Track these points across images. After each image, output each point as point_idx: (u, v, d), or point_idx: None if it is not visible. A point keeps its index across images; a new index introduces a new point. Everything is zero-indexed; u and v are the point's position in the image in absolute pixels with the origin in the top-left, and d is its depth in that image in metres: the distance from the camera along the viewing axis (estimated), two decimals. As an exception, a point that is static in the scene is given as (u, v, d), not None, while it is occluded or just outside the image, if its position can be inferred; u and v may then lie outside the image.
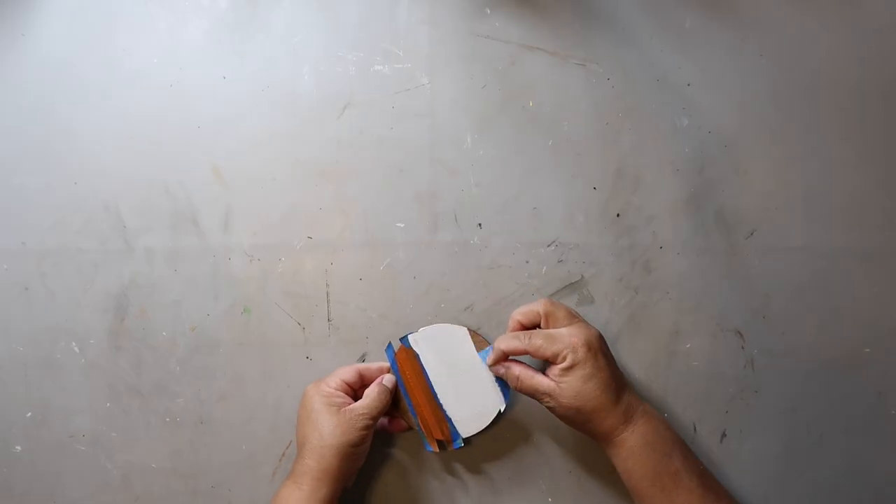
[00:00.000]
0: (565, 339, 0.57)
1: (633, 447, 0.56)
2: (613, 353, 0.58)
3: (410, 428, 0.62)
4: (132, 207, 0.65)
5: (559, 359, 0.56)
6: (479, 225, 0.65)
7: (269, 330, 0.65)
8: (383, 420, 0.63)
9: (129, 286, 0.65)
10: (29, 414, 0.65)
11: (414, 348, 0.62)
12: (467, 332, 0.62)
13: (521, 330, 0.60)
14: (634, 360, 0.65)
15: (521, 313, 0.60)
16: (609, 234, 0.65)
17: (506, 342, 0.59)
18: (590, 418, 0.57)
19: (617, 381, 0.57)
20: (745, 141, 0.65)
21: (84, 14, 0.66)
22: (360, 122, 0.65)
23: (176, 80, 0.65)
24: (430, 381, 0.61)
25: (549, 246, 0.65)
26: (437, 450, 0.61)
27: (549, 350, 0.56)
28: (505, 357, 0.60)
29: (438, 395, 0.61)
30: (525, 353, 0.58)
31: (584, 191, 0.65)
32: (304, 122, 0.65)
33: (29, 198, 0.65)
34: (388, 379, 0.61)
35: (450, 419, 0.61)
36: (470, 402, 0.61)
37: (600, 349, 0.57)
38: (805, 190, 0.65)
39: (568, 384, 0.56)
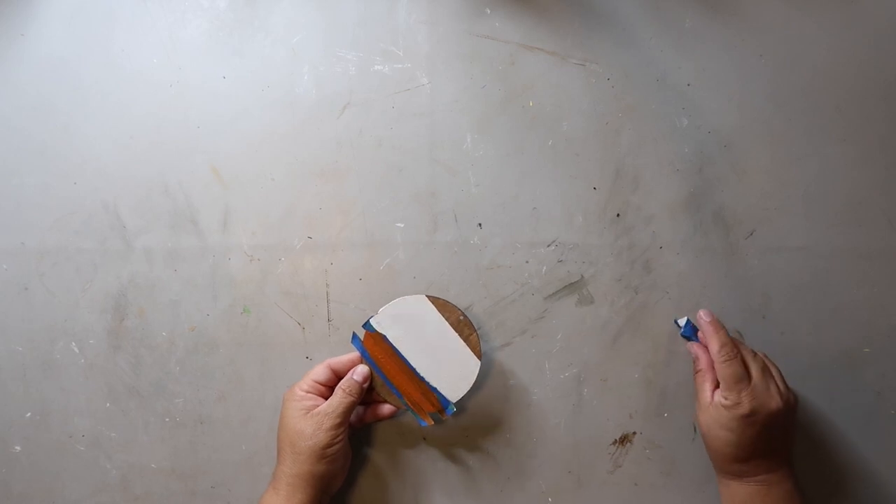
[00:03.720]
0: (745, 388, 0.57)
1: (737, 495, 0.58)
2: (613, 353, 0.58)
3: (395, 411, 0.62)
4: (131, 207, 0.65)
5: (724, 396, 0.57)
6: (479, 225, 0.65)
7: (268, 330, 0.65)
8: (360, 409, 0.62)
9: (129, 286, 0.65)
10: (28, 414, 0.65)
11: (379, 330, 0.61)
12: (426, 298, 0.61)
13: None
14: (634, 360, 0.65)
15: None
16: (609, 233, 0.65)
17: (718, 326, 0.60)
18: (709, 450, 0.59)
19: (759, 453, 0.57)
20: (745, 141, 0.65)
21: (84, 14, 0.65)
22: (359, 122, 0.65)
23: (176, 80, 0.65)
24: (404, 358, 0.61)
25: (548, 246, 0.65)
26: (432, 422, 0.61)
27: (726, 379, 0.57)
28: (704, 325, 0.61)
29: (417, 369, 0.61)
30: (712, 351, 0.59)
31: (583, 191, 0.65)
32: (303, 122, 0.65)
33: (28, 197, 0.65)
34: (359, 371, 0.60)
35: (434, 389, 0.61)
36: (449, 365, 0.61)
37: (764, 424, 0.56)
38: (805, 190, 0.65)
39: (711, 415, 0.58)
